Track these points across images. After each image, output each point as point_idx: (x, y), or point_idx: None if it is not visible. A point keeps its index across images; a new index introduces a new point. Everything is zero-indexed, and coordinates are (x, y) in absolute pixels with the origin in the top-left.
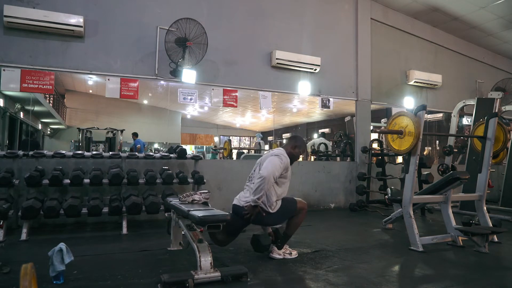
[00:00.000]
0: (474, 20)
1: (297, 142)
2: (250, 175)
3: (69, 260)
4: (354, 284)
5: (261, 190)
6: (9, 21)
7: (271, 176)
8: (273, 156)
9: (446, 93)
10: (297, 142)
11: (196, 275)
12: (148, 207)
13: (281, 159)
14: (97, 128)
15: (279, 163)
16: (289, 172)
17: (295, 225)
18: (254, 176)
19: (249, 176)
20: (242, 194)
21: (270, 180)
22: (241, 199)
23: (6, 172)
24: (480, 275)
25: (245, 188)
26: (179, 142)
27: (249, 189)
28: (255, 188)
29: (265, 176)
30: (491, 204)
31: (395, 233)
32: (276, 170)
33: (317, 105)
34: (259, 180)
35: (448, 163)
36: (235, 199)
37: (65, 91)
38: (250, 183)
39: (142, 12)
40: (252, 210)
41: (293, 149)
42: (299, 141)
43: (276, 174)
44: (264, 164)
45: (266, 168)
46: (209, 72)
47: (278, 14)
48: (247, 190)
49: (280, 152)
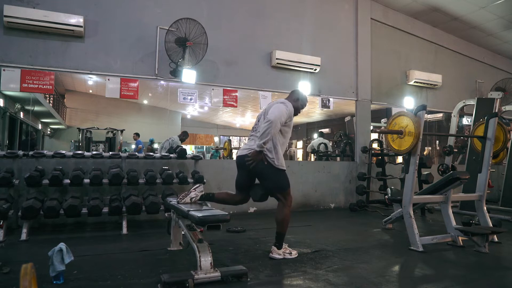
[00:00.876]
0: (474, 20)
1: (299, 95)
2: (254, 126)
3: (69, 260)
4: (354, 284)
5: (267, 134)
6: (9, 21)
7: (278, 120)
8: (279, 103)
9: (446, 93)
10: (299, 95)
11: (196, 275)
12: (148, 207)
13: (286, 106)
14: (97, 128)
15: (285, 109)
16: (292, 121)
17: (282, 221)
18: (259, 125)
19: (253, 127)
20: (245, 144)
21: (277, 124)
22: (244, 148)
23: (6, 172)
24: (480, 275)
25: (250, 138)
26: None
27: (253, 138)
28: (262, 132)
29: (273, 119)
30: (491, 204)
31: (395, 233)
32: (283, 116)
33: (317, 105)
34: (266, 124)
35: (448, 163)
36: (239, 151)
37: (65, 91)
38: (254, 133)
39: (142, 12)
40: (256, 155)
41: (295, 101)
42: (300, 94)
43: (282, 120)
44: (270, 110)
45: (273, 113)
46: (209, 72)
47: (278, 14)
48: (251, 139)
49: (285, 101)
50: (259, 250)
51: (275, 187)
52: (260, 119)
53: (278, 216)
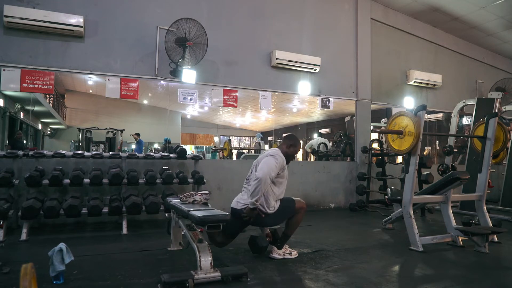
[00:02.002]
0: (474, 20)
1: (292, 141)
2: (247, 177)
3: (69, 260)
4: (354, 284)
5: (258, 192)
6: (9, 21)
7: (267, 176)
8: (268, 156)
9: (446, 93)
10: (292, 141)
11: (196, 275)
12: (148, 207)
13: (276, 159)
14: (97, 128)
15: (275, 163)
16: (285, 171)
17: (294, 225)
18: (250, 178)
19: (246, 178)
20: (239, 197)
21: (266, 181)
22: (239, 202)
23: (6, 172)
24: (480, 275)
25: (243, 190)
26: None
27: (246, 191)
28: (252, 191)
29: (261, 177)
30: (491, 204)
31: (395, 233)
32: (272, 171)
33: (317, 105)
34: (255, 182)
35: (448, 163)
36: (233, 202)
37: (65, 91)
38: (247, 185)
39: (142, 12)
40: (250, 212)
41: (288, 148)
42: (294, 140)
43: (272, 175)
44: (259, 166)
45: (261, 170)
46: (209, 72)
47: (278, 14)
48: (244, 193)
49: (275, 152)
50: None
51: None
52: (252, 171)
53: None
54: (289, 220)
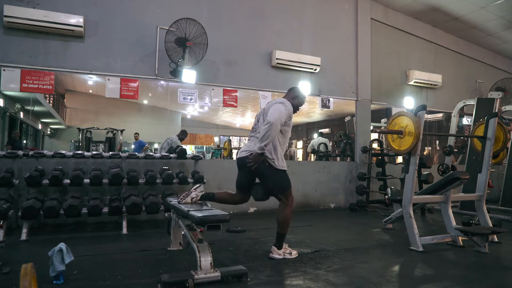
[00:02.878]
0: (474, 20)
1: (296, 92)
2: (254, 126)
3: (69, 260)
4: (354, 284)
5: (268, 136)
6: (9, 21)
7: (278, 122)
8: (277, 103)
9: (446, 93)
10: (296, 93)
11: (196, 275)
12: (148, 207)
13: (285, 106)
14: (97, 128)
15: (284, 110)
16: (291, 120)
17: (283, 222)
18: (258, 126)
19: (253, 127)
20: (245, 146)
21: (277, 126)
22: (244, 150)
23: (6, 172)
24: (480, 275)
25: (250, 139)
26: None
27: (253, 139)
28: (263, 134)
29: (273, 121)
30: (491, 204)
31: (395, 233)
32: (282, 117)
33: (317, 105)
34: (266, 126)
35: (448, 163)
36: (239, 152)
37: (65, 91)
38: (255, 133)
39: (142, 12)
40: (257, 157)
41: (293, 99)
42: (297, 91)
43: (282, 120)
44: (269, 111)
45: (272, 115)
46: (209, 72)
47: (278, 14)
48: (251, 141)
49: (283, 100)
50: (259, 250)
51: (276, 187)
52: (260, 119)
53: (279, 216)
54: (278, 217)
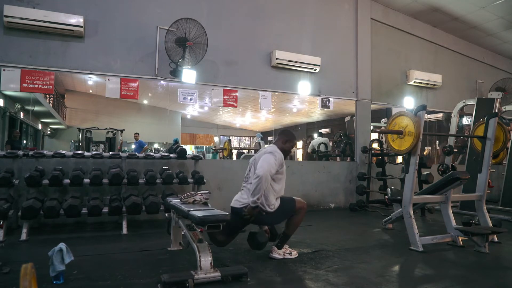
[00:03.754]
0: (474, 20)
1: (287, 136)
2: (246, 176)
3: (69, 260)
4: (354, 284)
5: (259, 190)
6: (9, 21)
7: (267, 174)
8: (267, 154)
9: (446, 93)
10: (287, 137)
11: (196, 275)
12: (148, 207)
13: (275, 156)
14: (97, 128)
15: (274, 160)
16: (284, 167)
17: (294, 225)
18: (250, 176)
19: (245, 177)
20: (239, 196)
21: (267, 178)
22: (238, 201)
23: (6, 172)
24: (480, 275)
25: (242, 190)
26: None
27: (246, 190)
28: (253, 189)
29: (262, 175)
30: (491, 204)
31: (395, 233)
32: (272, 168)
33: (317, 105)
34: (256, 180)
35: (448, 163)
36: (233, 201)
37: (65, 91)
38: (246, 184)
39: (142, 12)
40: (252, 211)
41: (284, 143)
42: (289, 135)
43: (272, 172)
44: (259, 164)
45: (262, 167)
46: (209, 72)
47: (278, 14)
48: (244, 192)
49: (273, 149)
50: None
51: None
52: (251, 169)
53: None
54: (289, 220)
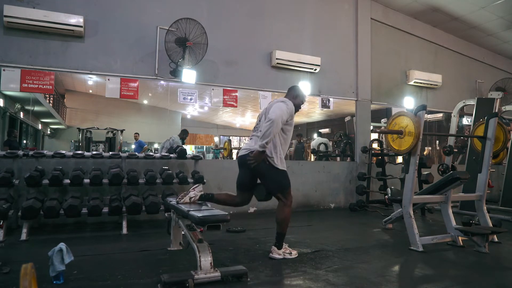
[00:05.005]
0: (474, 20)
1: (296, 91)
2: (256, 126)
3: (69, 260)
4: (354, 284)
5: (270, 133)
6: (9, 21)
7: (279, 119)
8: (279, 102)
9: (446, 93)
10: (297, 92)
11: (196, 275)
12: (148, 207)
13: (287, 104)
14: (97, 128)
15: (286, 108)
16: (293, 120)
17: (282, 221)
18: (260, 125)
19: (254, 127)
20: (247, 144)
21: (278, 123)
22: (246, 148)
23: (6, 172)
24: (480, 275)
25: (251, 138)
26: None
27: (255, 138)
28: (264, 132)
29: (274, 119)
30: (491, 204)
31: (395, 233)
32: (284, 115)
33: (317, 105)
34: (268, 123)
35: (448, 163)
36: (240, 151)
37: (65, 91)
38: (256, 132)
39: (142, 12)
40: (258, 156)
41: (294, 98)
42: (298, 90)
43: (284, 118)
44: (271, 109)
45: (274, 112)
46: (209, 72)
47: (278, 14)
48: (252, 140)
49: (285, 99)
50: (259, 250)
51: (275, 187)
52: (261, 118)
53: (278, 216)
54: (277, 216)
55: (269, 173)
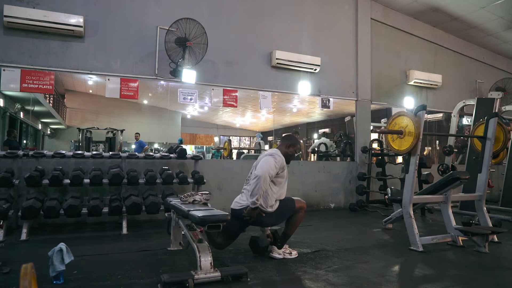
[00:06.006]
0: (474, 20)
1: (291, 141)
2: (247, 178)
3: (69, 260)
4: (354, 284)
5: (257, 190)
6: (9, 21)
7: (266, 174)
8: (267, 156)
9: (446, 93)
10: (291, 141)
11: (196, 275)
12: (148, 207)
13: (275, 158)
14: (97, 128)
15: (274, 162)
16: (285, 171)
17: (294, 224)
18: (250, 178)
19: (246, 179)
20: (239, 198)
21: (266, 179)
22: (238, 202)
23: (6, 172)
24: (480, 275)
25: (243, 192)
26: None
27: (246, 192)
28: (252, 189)
29: (260, 175)
30: (491, 204)
31: (395, 233)
32: (271, 169)
33: (317, 105)
34: (254, 180)
35: (448, 163)
36: (233, 203)
37: (65, 91)
38: (247, 186)
39: (142, 12)
40: (251, 212)
41: (287, 148)
42: (292, 139)
43: (271, 173)
44: (258, 165)
45: (261, 168)
46: (209, 72)
47: (278, 14)
48: (244, 194)
49: (274, 152)
50: None
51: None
52: (252, 171)
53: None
54: (289, 220)
55: (271, 216)
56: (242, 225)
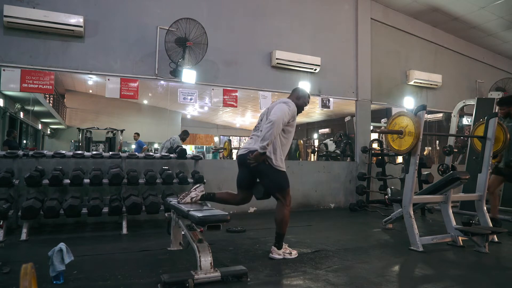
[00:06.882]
0: (474, 20)
1: (300, 92)
2: (257, 125)
3: (69, 260)
4: (354, 284)
5: (270, 135)
6: (9, 21)
7: (280, 120)
8: (281, 103)
9: (446, 93)
10: (300, 93)
11: (196, 275)
12: (148, 207)
13: (289, 106)
14: (97, 128)
15: (287, 109)
16: (295, 121)
17: (281, 221)
18: (261, 125)
19: (255, 126)
20: (246, 143)
21: (279, 125)
22: (245, 148)
23: (6, 172)
24: (480, 275)
25: (251, 137)
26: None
27: (255, 137)
28: (265, 133)
29: (275, 120)
30: None
31: (395, 233)
32: (285, 116)
33: (317, 105)
34: (268, 125)
35: (448, 163)
36: (240, 150)
37: (65, 91)
38: (256, 132)
39: (142, 12)
40: (258, 157)
41: (298, 99)
42: (302, 91)
43: (285, 120)
44: (273, 110)
45: (275, 114)
46: (209, 72)
47: (278, 14)
48: (252, 140)
49: (287, 100)
50: (259, 250)
51: (274, 186)
52: (263, 118)
53: (277, 216)
54: (276, 217)
55: (268, 173)
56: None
